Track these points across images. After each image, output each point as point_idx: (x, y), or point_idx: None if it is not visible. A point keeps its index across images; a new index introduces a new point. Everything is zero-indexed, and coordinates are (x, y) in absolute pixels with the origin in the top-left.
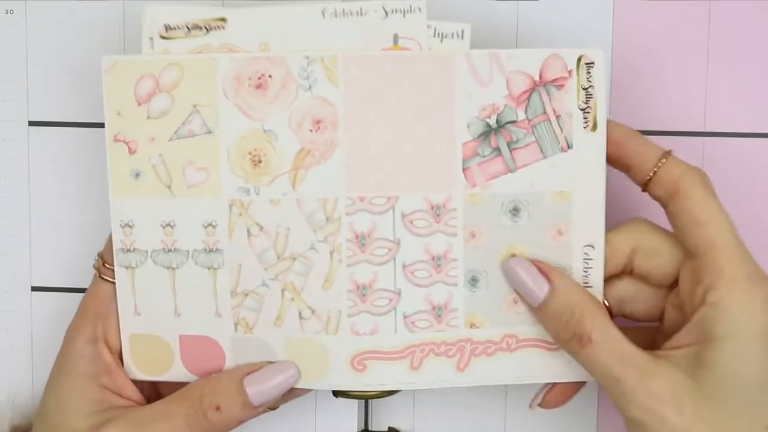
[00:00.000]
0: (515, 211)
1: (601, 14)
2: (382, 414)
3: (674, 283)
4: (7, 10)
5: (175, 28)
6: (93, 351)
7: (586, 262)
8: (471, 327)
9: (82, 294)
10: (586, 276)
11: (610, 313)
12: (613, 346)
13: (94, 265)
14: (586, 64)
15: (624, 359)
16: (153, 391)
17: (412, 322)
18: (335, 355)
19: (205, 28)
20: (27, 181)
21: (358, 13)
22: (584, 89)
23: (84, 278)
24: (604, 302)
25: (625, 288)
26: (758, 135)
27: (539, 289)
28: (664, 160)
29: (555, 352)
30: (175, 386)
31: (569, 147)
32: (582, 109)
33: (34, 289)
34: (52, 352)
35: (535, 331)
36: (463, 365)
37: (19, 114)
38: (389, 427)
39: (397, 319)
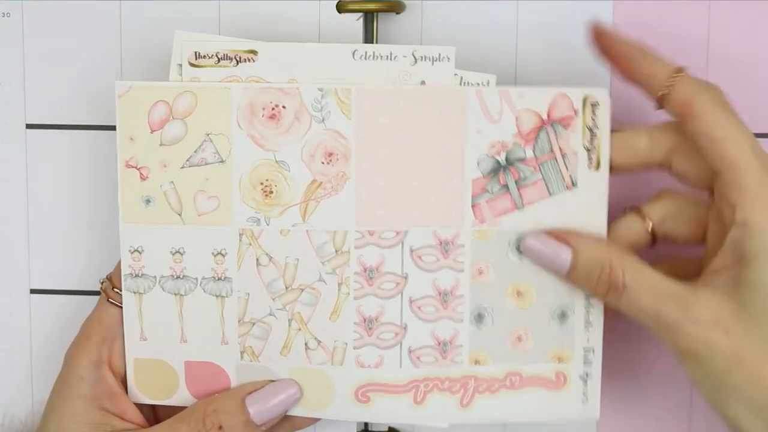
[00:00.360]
0: None
1: (601, 14)
2: None
3: (712, 192)
4: (3, 13)
5: (205, 57)
6: (96, 374)
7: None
8: (475, 363)
9: (81, 297)
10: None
11: (654, 238)
12: (649, 286)
13: (101, 288)
14: (591, 104)
15: (663, 295)
16: (151, 415)
17: (417, 357)
18: (340, 386)
19: (236, 59)
20: (25, 184)
21: (388, 57)
22: (589, 129)
23: (82, 281)
24: (647, 228)
25: (666, 207)
26: (758, 135)
27: (562, 256)
28: (677, 77)
29: (559, 392)
30: (174, 410)
31: (574, 185)
32: (587, 149)
33: (33, 291)
34: (52, 354)
35: (539, 370)
36: (467, 402)
37: (17, 117)
38: (389, 427)
39: (403, 353)
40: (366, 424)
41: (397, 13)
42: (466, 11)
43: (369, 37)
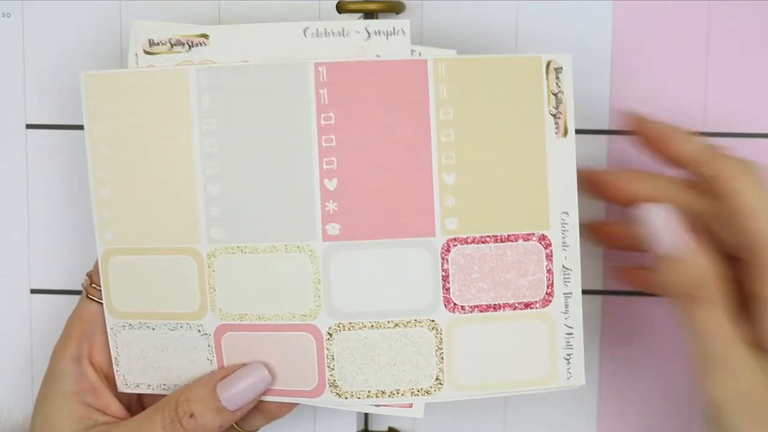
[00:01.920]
0: None
1: (600, 14)
2: (382, 415)
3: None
4: (3, 14)
5: (158, 44)
6: (77, 369)
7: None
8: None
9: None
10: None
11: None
12: (724, 314)
13: (82, 285)
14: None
15: (723, 335)
16: (139, 407)
17: None
18: None
19: (188, 44)
20: (25, 184)
21: (340, 33)
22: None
23: (82, 281)
24: None
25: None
26: (758, 135)
27: (678, 240)
28: (705, 154)
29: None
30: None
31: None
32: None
33: (33, 291)
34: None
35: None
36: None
37: (17, 117)
38: (389, 428)
39: None
40: (366, 423)
41: (397, 13)
42: (466, 11)
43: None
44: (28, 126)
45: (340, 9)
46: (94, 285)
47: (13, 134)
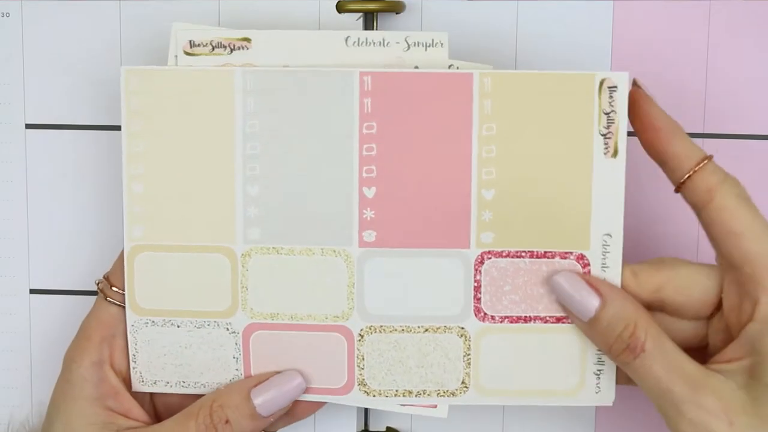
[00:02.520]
0: None
1: (601, 14)
2: (381, 414)
3: (712, 313)
4: (3, 13)
5: (199, 45)
6: (99, 374)
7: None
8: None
9: (81, 297)
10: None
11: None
12: (666, 357)
13: (98, 288)
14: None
15: (676, 371)
16: (152, 412)
17: None
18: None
19: (230, 47)
20: (24, 184)
21: (380, 43)
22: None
23: (82, 281)
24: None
25: (658, 321)
26: (758, 137)
27: (590, 304)
28: (703, 164)
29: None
30: (175, 406)
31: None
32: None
33: (32, 291)
34: (52, 354)
35: None
36: None
37: (16, 117)
38: (387, 427)
39: None
40: (366, 424)
41: (397, 13)
42: (466, 11)
43: None
44: (28, 126)
45: (340, 9)
46: (114, 288)
47: (13, 134)
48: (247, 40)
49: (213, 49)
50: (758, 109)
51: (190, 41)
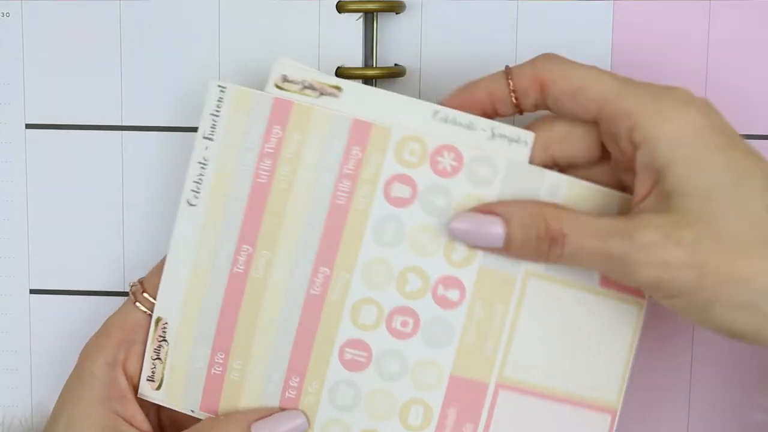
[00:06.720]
0: None
1: (600, 14)
2: None
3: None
4: (3, 13)
5: (291, 82)
6: (110, 375)
7: None
8: None
9: (81, 297)
10: None
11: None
12: (588, 228)
13: (130, 290)
14: None
15: (605, 233)
16: (156, 424)
17: None
18: None
19: (320, 91)
20: (24, 184)
21: (467, 125)
22: None
23: (82, 281)
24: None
25: (551, 129)
26: (758, 137)
27: (494, 229)
28: (510, 75)
29: None
30: (180, 421)
31: None
32: None
33: (32, 291)
34: (52, 354)
35: None
36: None
37: (16, 117)
38: None
39: None
40: None
41: (397, 13)
42: (466, 11)
43: (369, 37)
44: (28, 126)
45: (340, 9)
46: (146, 294)
47: (13, 134)
48: (338, 88)
49: (303, 88)
50: (758, 109)
51: (284, 75)
